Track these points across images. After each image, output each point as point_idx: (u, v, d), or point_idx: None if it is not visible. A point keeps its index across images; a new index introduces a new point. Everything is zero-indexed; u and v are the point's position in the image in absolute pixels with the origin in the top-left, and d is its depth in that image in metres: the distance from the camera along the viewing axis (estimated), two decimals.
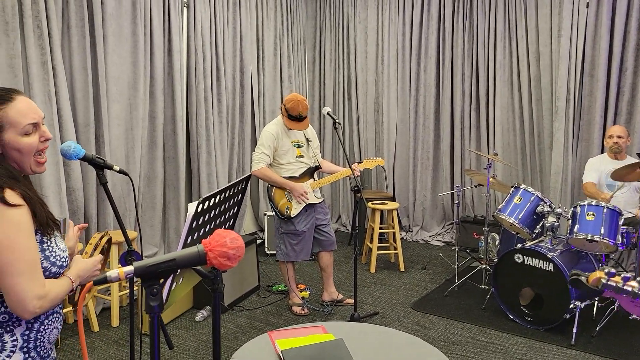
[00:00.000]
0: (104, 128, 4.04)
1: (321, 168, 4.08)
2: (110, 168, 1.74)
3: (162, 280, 1.00)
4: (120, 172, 1.77)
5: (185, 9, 4.83)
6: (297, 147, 3.95)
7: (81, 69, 3.88)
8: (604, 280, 1.34)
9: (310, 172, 4.00)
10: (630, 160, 4.27)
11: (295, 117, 3.79)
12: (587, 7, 5.05)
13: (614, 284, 1.33)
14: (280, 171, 3.92)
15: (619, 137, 4.29)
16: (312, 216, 3.98)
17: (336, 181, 6.79)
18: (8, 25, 3.40)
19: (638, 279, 1.34)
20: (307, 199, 3.91)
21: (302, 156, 3.96)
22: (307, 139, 4.02)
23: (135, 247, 3.90)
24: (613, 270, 1.37)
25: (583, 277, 1.38)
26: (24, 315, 1.31)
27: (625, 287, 1.32)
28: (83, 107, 3.92)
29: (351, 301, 4.20)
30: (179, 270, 1.38)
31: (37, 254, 1.34)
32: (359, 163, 4.05)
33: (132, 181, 1.77)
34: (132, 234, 3.90)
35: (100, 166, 1.74)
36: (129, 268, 1.00)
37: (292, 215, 3.89)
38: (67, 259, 1.48)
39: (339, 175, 3.99)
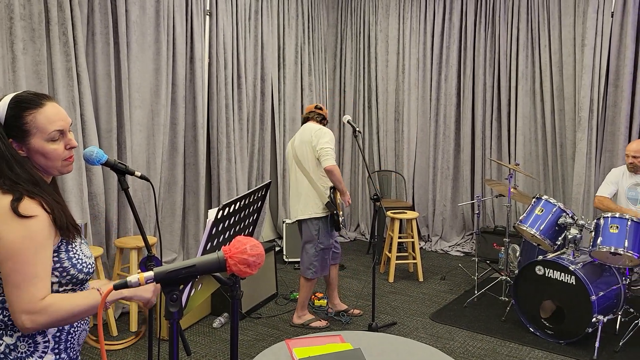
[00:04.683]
0: (126, 134, 4.09)
1: None
2: (132, 174, 1.75)
3: (181, 287, 1.01)
4: (142, 177, 1.79)
5: (207, 17, 4.88)
6: None
7: (105, 75, 3.94)
8: None
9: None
10: None
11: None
12: (612, 16, 4.98)
13: None
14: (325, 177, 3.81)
15: (635, 157, 4.12)
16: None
17: (355, 190, 6.77)
18: (35, 32, 3.48)
19: None
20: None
21: None
22: None
23: (155, 253, 3.93)
24: None
25: None
26: (18, 328, 1.30)
27: None
28: (106, 113, 3.98)
29: (357, 311, 4.16)
30: (197, 277, 1.38)
31: (41, 269, 1.31)
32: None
33: (152, 187, 1.78)
34: (151, 239, 3.93)
35: (122, 172, 1.75)
36: (149, 273, 1.01)
37: (344, 226, 3.81)
38: (92, 266, 1.48)
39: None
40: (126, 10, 4.05)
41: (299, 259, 5.52)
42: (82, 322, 1.48)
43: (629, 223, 3.55)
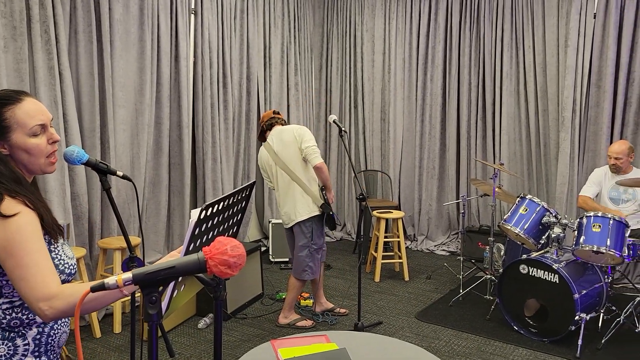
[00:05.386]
0: (110, 133, 4.05)
1: None
2: (114, 173, 1.73)
3: (161, 288, 0.99)
4: (124, 177, 1.76)
5: (192, 16, 4.85)
6: None
7: (88, 74, 3.90)
8: None
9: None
10: (637, 172, 4.23)
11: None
12: (595, 17, 5.04)
13: None
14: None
15: (617, 158, 4.14)
16: None
17: (342, 189, 6.78)
18: (16, 30, 3.42)
19: None
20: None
21: None
22: None
23: (138, 254, 3.89)
24: None
25: None
26: (41, 318, 1.29)
27: None
28: (89, 112, 3.93)
29: (343, 310, 4.17)
30: (180, 278, 1.37)
31: (41, 256, 1.31)
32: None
33: (135, 187, 1.76)
34: (135, 240, 3.89)
35: (104, 171, 1.73)
36: (128, 275, 0.99)
37: (340, 223, 3.81)
38: (74, 266, 1.47)
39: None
40: (109, 9, 4.01)
41: (285, 259, 5.51)
42: (62, 325, 1.46)
43: (611, 222, 3.60)
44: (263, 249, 5.73)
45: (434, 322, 4.03)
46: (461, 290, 4.51)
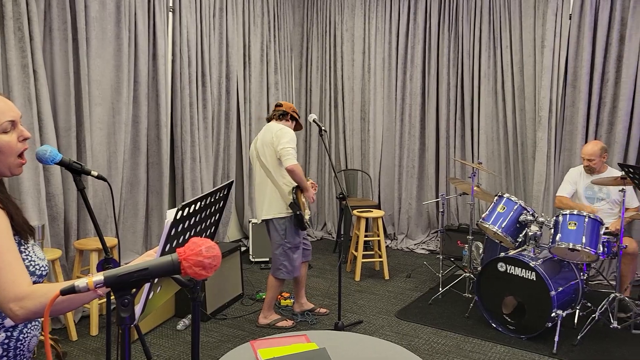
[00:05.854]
0: (86, 132, 3.98)
1: None
2: (88, 173, 1.70)
3: (134, 291, 0.97)
4: (99, 177, 1.73)
5: (170, 14, 4.80)
6: None
7: (63, 72, 3.83)
8: None
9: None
10: (612, 171, 4.31)
11: (297, 121, 3.94)
12: (570, 18, 5.12)
13: None
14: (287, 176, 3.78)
15: (589, 160, 4.20)
16: None
17: (322, 189, 6.78)
18: None
19: None
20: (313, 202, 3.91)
21: None
22: None
23: (115, 255, 3.84)
24: None
25: None
26: (11, 319, 1.26)
27: None
28: (64, 111, 3.86)
29: (324, 310, 4.17)
30: (156, 279, 1.35)
31: (11, 256, 1.28)
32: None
33: (110, 187, 1.73)
34: (112, 241, 3.84)
35: (78, 171, 1.69)
36: (99, 277, 0.97)
37: (309, 226, 3.79)
38: (46, 268, 1.44)
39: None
40: (85, 6, 3.94)
41: (265, 259, 5.49)
42: (32, 328, 1.43)
43: (587, 220, 3.66)
44: (243, 248, 5.71)
45: (414, 321, 4.06)
46: (440, 289, 4.54)
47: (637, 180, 3.14)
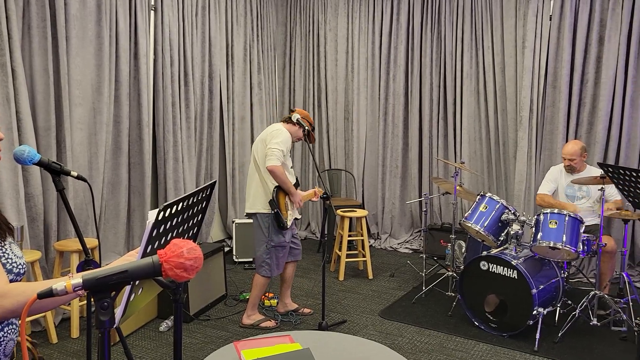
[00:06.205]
0: (66, 132, 3.93)
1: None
2: (68, 174, 1.67)
3: (113, 293, 0.96)
4: (79, 178, 1.71)
5: (152, 12, 4.75)
6: (290, 157, 3.92)
7: (42, 71, 3.77)
8: None
9: (296, 187, 3.95)
10: (591, 170, 4.37)
11: (310, 132, 3.95)
12: (550, 20, 5.18)
13: None
14: None
15: (570, 159, 4.27)
16: (292, 228, 3.94)
17: (306, 188, 6.77)
18: None
19: None
20: (301, 207, 3.91)
21: (292, 167, 3.94)
22: None
23: (96, 257, 3.79)
24: None
25: None
26: None
27: None
28: (44, 111, 3.80)
29: (308, 310, 4.17)
30: (137, 281, 1.33)
31: None
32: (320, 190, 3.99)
33: (90, 188, 1.71)
34: (93, 242, 3.79)
35: (57, 172, 1.67)
36: (77, 280, 0.95)
37: (288, 226, 3.80)
38: (24, 266, 1.42)
39: (308, 197, 3.98)
40: (65, 4, 3.89)
41: (249, 259, 5.47)
42: (9, 332, 1.41)
43: (567, 219, 3.71)
44: (227, 249, 5.68)
45: (398, 320, 4.08)
46: (424, 288, 4.57)
47: (616, 179, 3.19)
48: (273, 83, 6.56)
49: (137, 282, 1.43)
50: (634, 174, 2.98)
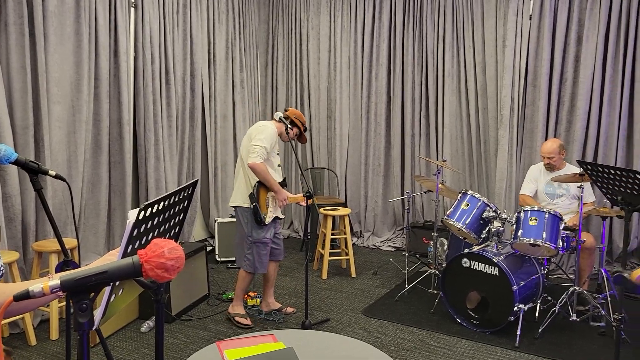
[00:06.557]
0: (44, 131, 3.86)
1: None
2: (46, 173, 1.64)
3: (92, 295, 0.94)
4: (57, 177, 1.68)
5: (132, 9, 4.69)
6: (278, 156, 3.90)
7: (19, 68, 3.69)
8: None
9: (283, 186, 3.93)
10: (570, 168, 4.44)
11: (302, 132, 3.97)
12: (530, 19, 5.24)
13: None
14: None
15: (549, 157, 4.33)
16: (274, 227, 3.93)
17: (289, 187, 6.75)
18: None
19: None
20: (285, 206, 3.89)
21: (280, 165, 3.92)
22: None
23: (75, 257, 3.74)
24: None
25: (626, 274, 1.28)
26: None
27: None
28: (21, 109, 3.73)
29: (291, 309, 4.17)
30: (117, 282, 1.31)
31: None
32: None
33: (69, 187, 1.68)
34: (72, 242, 3.73)
35: (35, 171, 1.64)
36: (55, 282, 0.93)
37: (267, 223, 3.79)
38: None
39: (295, 199, 3.96)
40: (42, 0, 3.82)
41: (232, 259, 5.44)
42: None
43: (547, 216, 3.76)
44: (209, 248, 5.64)
45: (381, 318, 4.09)
46: (406, 285, 4.59)
47: (595, 177, 3.24)
48: (255, 81, 6.53)
49: (117, 283, 1.41)
50: (612, 172, 3.03)
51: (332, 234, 5.19)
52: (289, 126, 3.88)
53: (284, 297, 4.51)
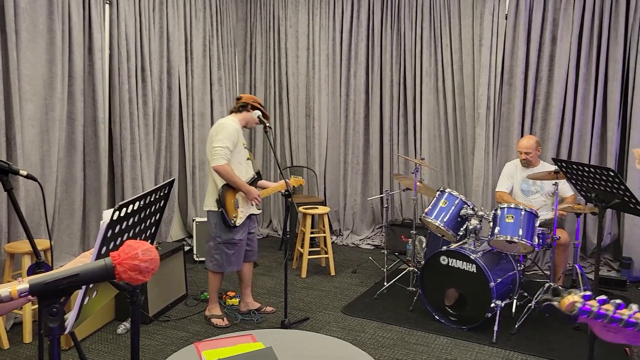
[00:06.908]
0: (16, 129, 3.77)
1: (261, 178, 4.00)
2: (16, 173, 1.60)
3: (63, 298, 0.92)
4: (28, 177, 1.64)
5: (107, 6, 4.61)
6: (246, 149, 3.85)
7: None
8: (579, 305, 1.14)
9: (254, 182, 3.89)
10: (545, 165, 4.51)
11: (263, 111, 3.86)
12: (506, 18, 5.30)
13: (590, 308, 1.13)
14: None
15: (527, 153, 4.40)
16: (247, 225, 3.89)
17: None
18: None
19: (612, 300, 1.15)
20: (259, 204, 3.85)
21: (249, 159, 3.88)
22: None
23: (47, 259, 3.66)
24: (588, 293, 1.16)
25: (555, 302, 1.18)
26: None
27: (600, 311, 1.12)
28: None
29: (270, 309, 4.15)
30: (91, 285, 1.28)
31: None
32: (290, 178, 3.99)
33: (41, 187, 1.64)
34: (45, 243, 3.66)
35: (5, 171, 1.59)
36: (24, 285, 0.90)
37: (237, 225, 3.75)
38: None
39: (277, 188, 3.94)
40: None
41: None
42: None
43: (523, 213, 3.81)
44: (187, 248, 5.58)
45: (360, 316, 4.10)
46: (385, 283, 4.61)
47: (569, 174, 3.30)
48: (233, 79, 6.48)
49: (91, 285, 1.38)
50: (586, 169, 3.09)
51: (312, 233, 5.18)
52: (251, 110, 3.82)
53: (263, 297, 4.49)
